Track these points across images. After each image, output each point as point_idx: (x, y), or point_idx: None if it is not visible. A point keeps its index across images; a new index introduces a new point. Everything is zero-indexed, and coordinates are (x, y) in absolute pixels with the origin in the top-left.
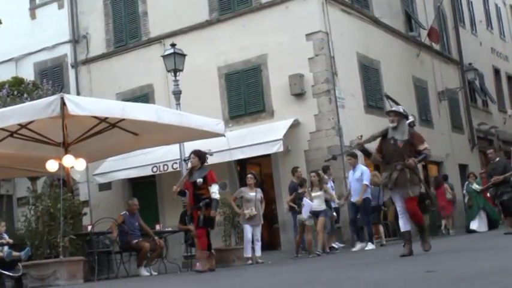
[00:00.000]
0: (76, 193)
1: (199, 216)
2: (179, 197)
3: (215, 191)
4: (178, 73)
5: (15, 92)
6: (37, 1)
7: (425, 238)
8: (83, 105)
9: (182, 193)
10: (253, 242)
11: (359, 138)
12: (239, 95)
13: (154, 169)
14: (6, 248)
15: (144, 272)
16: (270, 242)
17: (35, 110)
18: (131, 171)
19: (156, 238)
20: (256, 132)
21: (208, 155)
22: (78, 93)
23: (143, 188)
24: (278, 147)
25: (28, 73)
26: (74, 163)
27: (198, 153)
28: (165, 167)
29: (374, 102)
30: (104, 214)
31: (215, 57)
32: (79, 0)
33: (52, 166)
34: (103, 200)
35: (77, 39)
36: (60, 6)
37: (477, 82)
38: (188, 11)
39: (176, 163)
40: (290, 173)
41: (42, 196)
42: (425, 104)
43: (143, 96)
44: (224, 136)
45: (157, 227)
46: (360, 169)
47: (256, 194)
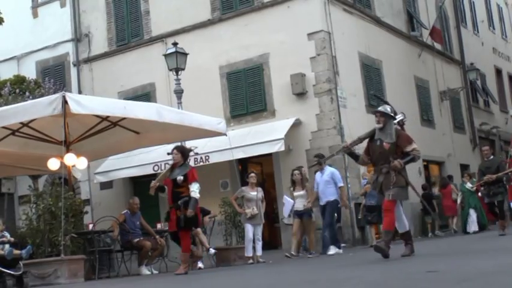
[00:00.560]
0: (77, 192)
1: (179, 216)
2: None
3: (195, 190)
4: (180, 72)
5: (17, 90)
6: (39, 0)
7: (387, 243)
8: (85, 103)
9: (161, 189)
10: (254, 242)
11: (346, 142)
12: (241, 94)
13: (155, 168)
14: (7, 246)
15: (145, 271)
16: (271, 242)
17: (37, 109)
18: (132, 170)
19: (157, 237)
20: (257, 131)
21: (192, 152)
22: (79, 91)
23: (144, 187)
24: (279, 146)
25: (30, 71)
26: (76, 161)
27: (181, 149)
28: (167, 166)
29: (375, 102)
30: (105, 213)
31: (217, 56)
32: None
33: (53, 164)
34: (104, 199)
35: (79, 37)
36: (62, 4)
37: (479, 82)
38: (190, 10)
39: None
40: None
41: (43, 194)
42: (426, 104)
43: (145, 95)
44: (225, 135)
45: (158, 226)
46: (329, 171)
47: (257, 193)
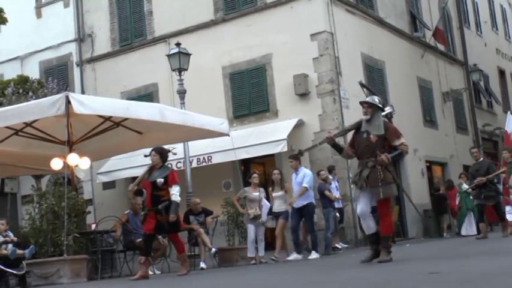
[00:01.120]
0: (80, 191)
1: (161, 222)
2: (138, 197)
3: (175, 193)
4: (183, 72)
5: (20, 90)
6: (43, 0)
7: (386, 248)
8: (88, 103)
9: (139, 192)
10: (256, 242)
11: (329, 132)
12: (243, 95)
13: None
14: (10, 246)
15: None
16: (274, 242)
17: (40, 109)
18: (135, 170)
19: (160, 237)
20: (260, 131)
21: (171, 153)
22: (82, 91)
23: None
24: (282, 147)
25: (33, 71)
26: (78, 161)
27: (160, 150)
28: (169, 166)
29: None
30: (108, 213)
31: (220, 56)
32: None
33: (56, 164)
34: (107, 199)
35: (82, 37)
36: (65, 4)
37: (482, 83)
38: (193, 11)
39: (180, 162)
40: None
41: (46, 194)
42: (429, 105)
43: (148, 95)
44: (228, 135)
45: None
46: (302, 172)
47: (259, 194)
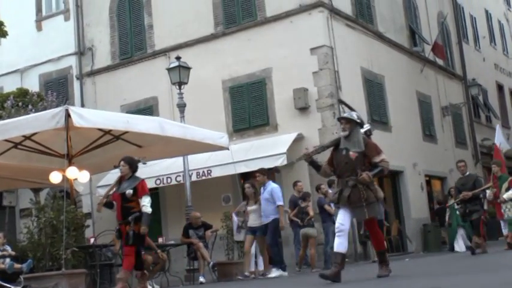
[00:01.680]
0: (79, 205)
1: (127, 232)
2: (107, 209)
3: (146, 204)
4: (183, 86)
5: (20, 103)
6: (43, 13)
7: (384, 262)
8: (88, 117)
9: (109, 205)
10: (256, 256)
11: (306, 149)
12: (243, 109)
13: (157, 182)
14: (8, 260)
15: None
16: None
17: (40, 122)
18: None
19: (159, 251)
20: (260, 145)
21: (141, 163)
22: (82, 105)
23: None
24: (282, 161)
25: (33, 84)
26: (78, 175)
27: (129, 160)
28: (169, 180)
29: (378, 116)
30: (107, 226)
31: (220, 70)
32: (85, 12)
33: (55, 178)
34: (106, 213)
35: (83, 51)
36: (66, 18)
37: (481, 98)
38: (193, 24)
39: (180, 176)
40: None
41: (45, 208)
42: (429, 119)
43: (148, 108)
44: (228, 149)
45: (160, 240)
46: (270, 187)
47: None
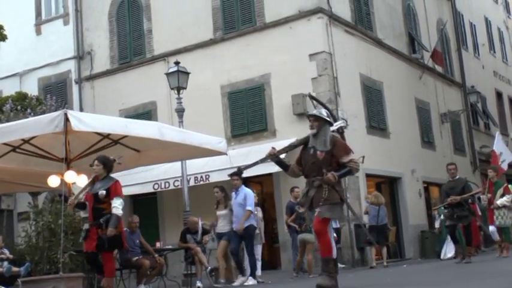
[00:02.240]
0: (77, 209)
1: (100, 236)
2: (79, 210)
3: (117, 206)
4: (181, 91)
5: (18, 107)
6: (43, 17)
7: (327, 272)
8: (86, 121)
9: (81, 206)
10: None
11: (273, 148)
12: (242, 114)
13: (155, 186)
14: (5, 264)
15: None
16: (270, 262)
17: (38, 125)
18: (132, 188)
19: (156, 256)
20: (258, 151)
21: (117, 163)
22: (81, 109)
23: (144, 205)
24: None
25: (32, 88)
26: (76, 179)
27: (103, 160)
28: (167, 185)
29: (376, 123)
30: None
31: (219, 75)
32: (84, 16)
33: (54, 181)
34: None
35: (82, 55)
36: (65, 22)
37: (479, 105)
38: (193, 30)
39: (178, 181)
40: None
41: (43, 211)
42: (427, 126)
43: (146, 113)
44: (226, 154)
45: (157, 245)
46: (243, 192)
47: (257, 213)
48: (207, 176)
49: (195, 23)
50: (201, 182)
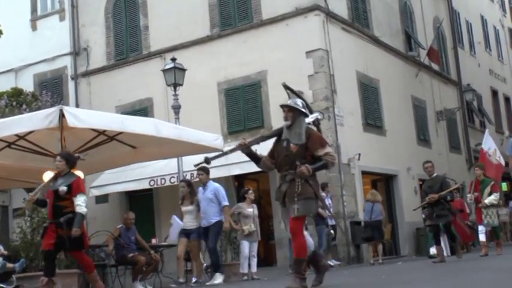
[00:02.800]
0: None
1: (62, 236)
2: (37, 207)
3: (80, 204)
4: (178, 87)
5: (14, 103)
6: (38, 13)
7: (298, 274)
8: (82, 117)
9: (41, 203)
10: (249, 258)
11: (244, 139)
12: (238, 111)
13: (151, 183)
14: (0, 260)
15: (139, 286)
16: (266, 258)
17: (33, 121)
18: (128, 184)
19: (152, 252)
20: (254, 147)
21: (80, 159)
22: (77, 105)
23: (140, 202)
24: None
25: (28, 84)
26: None
27: (66, 155)
28: (163, 181)
29: (373, 120)
30: (100, 227)
31: (215, 72)
32: (80, 12)
33: (49, 177)
34: (99, 213)
35: (78, 51)
36: (61, 18)
37: (475, 103)
38: (189, 26)
39: (174, 177)
40: None
41: (38, 208)
42: (423, 124)
43: (142, 109)
44: (222, 151)
45: (153, 241)
46: (212, 187)
47: (253, 210)
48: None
49: (192, 20)
50: (197, 179)
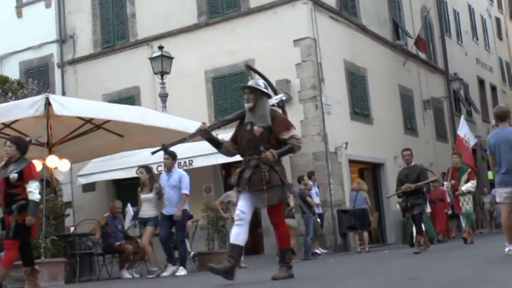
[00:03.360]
0: (59, 194)
1: (10, 222)
2: None
3: (33, 190)
4: (165, 76)
5: None
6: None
7: (285, 263)
8: (68, 105)
9: None
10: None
11: (203, 123)
12: (225, 99)
13: (138, 171)
14: None
15: (126, 275)
16: (253, 247)
17: (19, 109)
18: (115, 172)
19: (139, 241)
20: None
21: (32, 142)
22: (63, 93)
23: (127, 190)
24: None
25: (13, 72)
26: (58, 164)
27: (17, 140)
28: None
29: (360, 109)
30: (87, 215)
31: (202, 60)
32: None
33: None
34: (86, 202)
35: (64, 39)
36: (47, 5)
37: (462, 92)
38: (177, 14)
39: (161, 166)
40: None
41: None
42: (410, 113)
43: (129, 98)
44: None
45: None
46: (177, 174)
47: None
48: (191, 161)
49: (179, 8)
50: (185, 167)
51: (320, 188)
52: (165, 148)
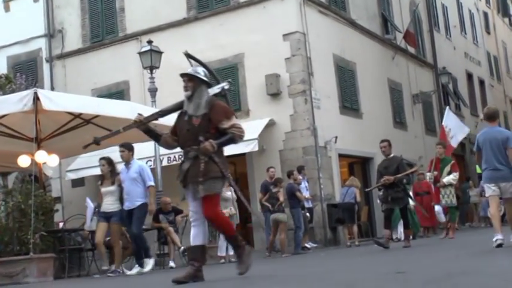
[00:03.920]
0: (48, 189)
1: None
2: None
3: None
4: (154, 70)
5: None
6: None
7: (242, 256)
8: (57, 100)
9: None
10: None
11: (140, 114)
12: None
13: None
14: None
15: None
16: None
17: (7, 104)
18: None
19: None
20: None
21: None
22: (52, 88)
23: None
24: (253, 146)
25: (1, 66)
26: (47, 159)
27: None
28: None
29: (349, 103)
30: (77, 211)
31: (192, 55)
32: None
33: (24, 161)
34: (76, 197)
35: (52, 33)
36: None
37: (450, 86)
38: (166, 8)
39: (150, 160)
40: (265, 173)
41: (13, 192)
42: (399, 106)
43: (119, 92)
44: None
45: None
46: (137, 165)
47: (232, 193)
48: (180, 156)
49: (168, 2)
50: (174, 162)
51: (310, 182)
52: (97, 141)
